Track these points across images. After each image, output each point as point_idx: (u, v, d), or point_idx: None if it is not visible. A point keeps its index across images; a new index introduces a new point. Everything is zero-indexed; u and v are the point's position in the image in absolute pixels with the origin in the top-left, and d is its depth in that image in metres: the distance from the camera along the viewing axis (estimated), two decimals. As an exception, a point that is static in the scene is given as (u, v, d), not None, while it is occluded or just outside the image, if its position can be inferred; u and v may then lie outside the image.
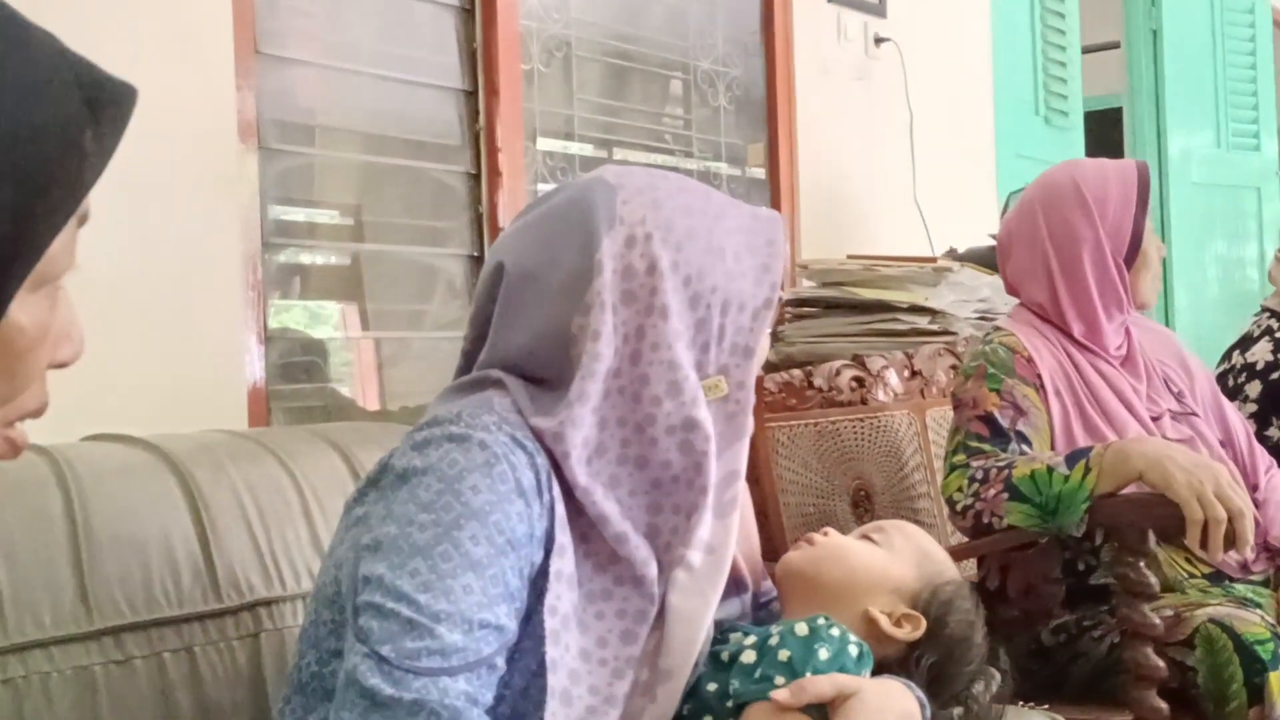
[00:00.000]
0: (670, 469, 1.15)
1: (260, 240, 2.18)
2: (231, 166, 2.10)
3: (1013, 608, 2.13)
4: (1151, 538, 1.92)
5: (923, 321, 2.96)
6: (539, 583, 1.10)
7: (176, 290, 1.97)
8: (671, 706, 1.14)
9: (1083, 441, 2.09)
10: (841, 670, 1.17)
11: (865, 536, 1.37)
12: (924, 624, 1.28)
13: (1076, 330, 2.22)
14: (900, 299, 2.98)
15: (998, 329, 2.27)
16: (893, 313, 2.98)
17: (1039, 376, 2.15)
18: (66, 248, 0.71)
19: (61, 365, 0.74)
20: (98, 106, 0.69)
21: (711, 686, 1.19)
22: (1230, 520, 1.82)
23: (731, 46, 3.40)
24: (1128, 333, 2.27)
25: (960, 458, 2.09)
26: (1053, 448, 2.10)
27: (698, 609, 1.15)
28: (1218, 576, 2.11)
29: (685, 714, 1.18)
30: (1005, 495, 1.96)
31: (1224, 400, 2.38)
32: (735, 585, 1.27)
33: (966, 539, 2.13)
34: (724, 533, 1.17)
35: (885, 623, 1.27)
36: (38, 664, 1.17)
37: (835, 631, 1.20)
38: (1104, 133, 5.66)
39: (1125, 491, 1.92)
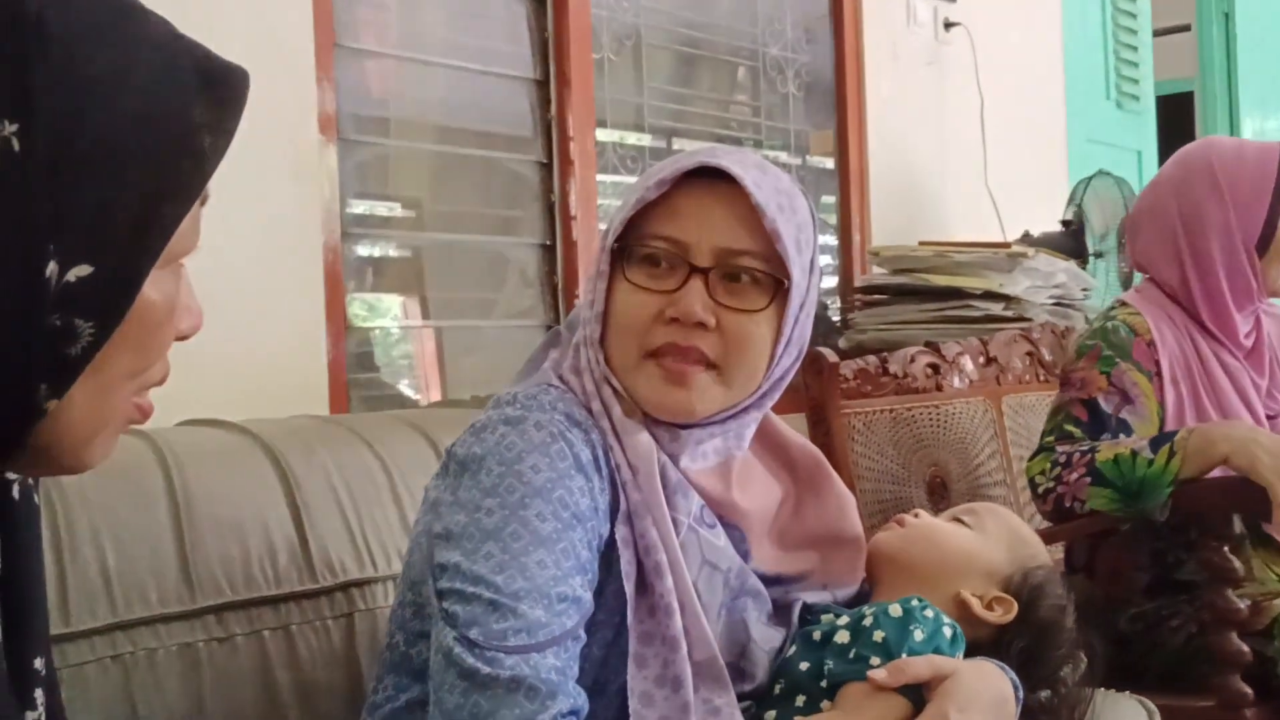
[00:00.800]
0: None
1: (340, 231, 2.21)
2: (312, 159, 2.13)
3: (1096, 587, 2.11)
4: (1237, 522, 1.90)
5: (997, 308, 2.94)
6: (609, 554, 1.12)
7: (261, 280, 2.01)
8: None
9: None
10: (936, 651, 1.17)
11: (956, 519, 1.37)
12: (1015, 607, 1.28)
13: (1205, 316, 2.14)
14: (973, 285, 2.96)
15: (1124, 304, 2.21)
16: (966, 299, 2.97)
17: (1157, 363, 2.10)
18: (192, 227, 0.73)
19: (183, 338, 0.76)
20: (215, 89, 0.71)
21: (804, 665, 1.19)
22: (1318, 503, 1.80)
23: (800, 33, 3.40)
24: (1258, 323, 2.19)
25: (1050, 440, 2.07)
26: None
27: None
28: None
29: (777, 693, 1.20)
30: (1088, 479, 1.95)
31: None
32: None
33: (1047, 523, 2.12)
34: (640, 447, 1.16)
35: (977, 605, 1.27)
36: (145, 640, 1.20)
37: (929, 613, 1.20)
38: (1176, 117, 5.58)
39: (1210, 475, 1.90)
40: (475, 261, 2.70)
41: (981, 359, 2.65)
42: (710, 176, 1.14)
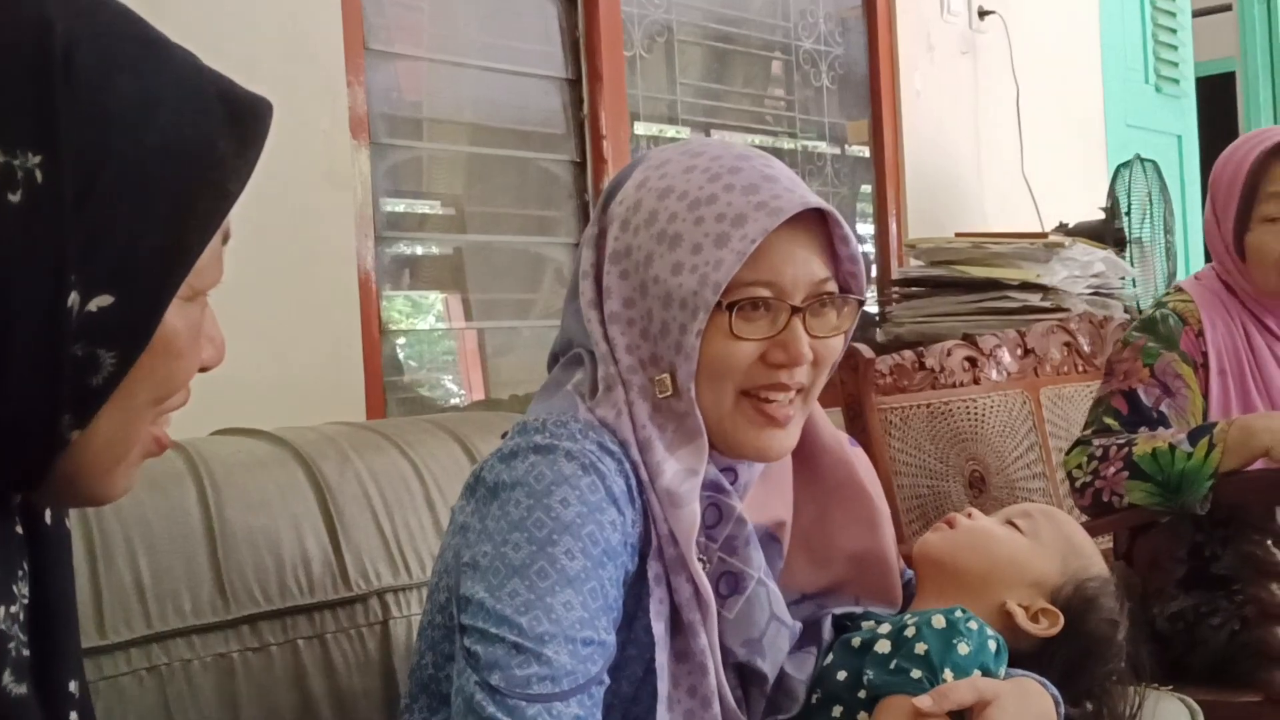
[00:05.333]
0: None
1: (374, 234, 2.22)
2: (345, 162, 2.14)
3: (1135, 575, 2.09)
4: (1278, 515, 1.88)
5: (1034, 299, 2.92)
6: (637, 588, 1.10)
7: (295, 285, 2.02)
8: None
9: None
10: (981, 666, 1.15)
11: (1011, 522, 1.32)
12: (1061, 621, 1.25)
13: (1253, 309, 2.10)
14: (1011, 276, 2.94)
15: (1178, 290, 2.18)
16: (1003, 290, 2.94)
17: (1204, 354, 2.07)
18: (214, 260, 0.74)
19: (205, 369, 0.77)
20: (239, 121, 0.72)
21: (841, 675, 1.17)
22: (1362, 496, 1.77)
23: (833, 25, 3.38)
24: None
25: (1088, 433, 2.05)
26: None
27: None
28: None
29: (814, 702, 1.18)
30: (1126, 473, 1.93)
31: None
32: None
33: (1086, 517, 2.10)
34: (684, 523, 1.11)
35: (1021, 617, 1.25)
36: (180, 652, 1.21)
37: (973, 625, 1.17)
38: (1218, 99, 5.51)
39: (1252, 468, 1.87)
40: (511, 262, 2.71)
41: (1019, 350, 2.63)
42: None
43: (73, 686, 0.81)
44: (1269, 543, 1.87)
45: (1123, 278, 3.14)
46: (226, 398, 1.86)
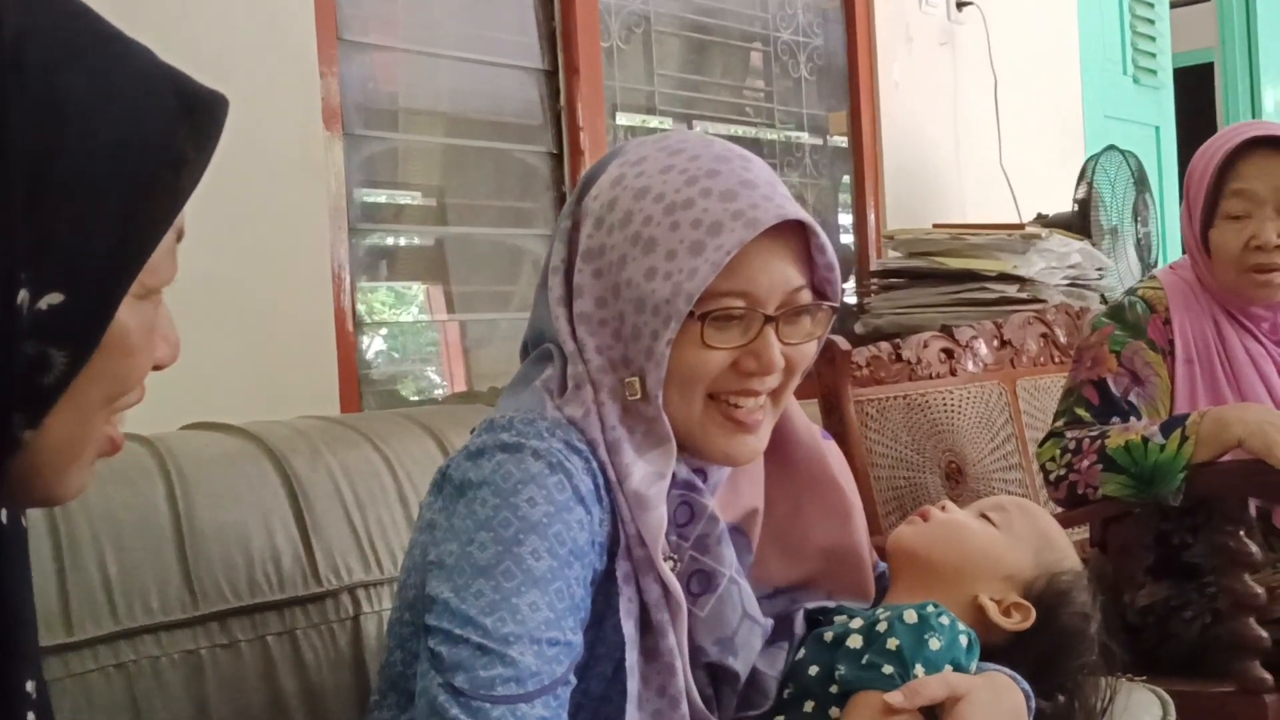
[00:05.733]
0: None
1: (347, 226, 2.21)
2: (317, 153, 2.12)
3: (1108, 563, 2.10)
4: (1252, 506, 1.89)
5: (1012, 290, 2.93)
6: (606, 587, 1.09)
7: (266, 278, 2.01)
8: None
9: None
10: (953, 662, 1.14)
11: (984, 515, 1.31)
12: (1033, 615, 1.24)
13: (1224, 301, 2.11)
14: (988, 268, 2.95)
15: (1151, 278, 2.19)
16: (981, 282, 2.95)
17: (1171, 341, 2.07)
18: (168, 257, 0.73)
19: (159, 367, 0.76)
20: (194, 116, 0.71)
21: (813, 670, 1.17)
22: (1335, 487, 1.78)
23: (812, 16, 3.38)
24: None
25: (1060, 424, 2.06)
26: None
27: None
28: None
29: (786, 697, 1.18)
30: (1100, 466, 1.93)
31: None
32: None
33: (1061, 509, 2.10)
34: (651, 526, 1.10)
35: (993, 611, 1.24)
36: (147, 648, 1.20)
37: (945, 620, 1.17)
38: (1196, 89, 5.53)
39: (1224, 459, 1.88)
40: (489, 254, 2.70)
41: (996, 342, 2.63)
42: None
43: (30, 687, 0.80)
44: (1242, 533, 1.87)
45: (1099, 269, 3.15)
46: (198, 392, 1.86)
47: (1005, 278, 2.93)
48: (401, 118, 2.52)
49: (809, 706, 1.16)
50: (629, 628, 1.08)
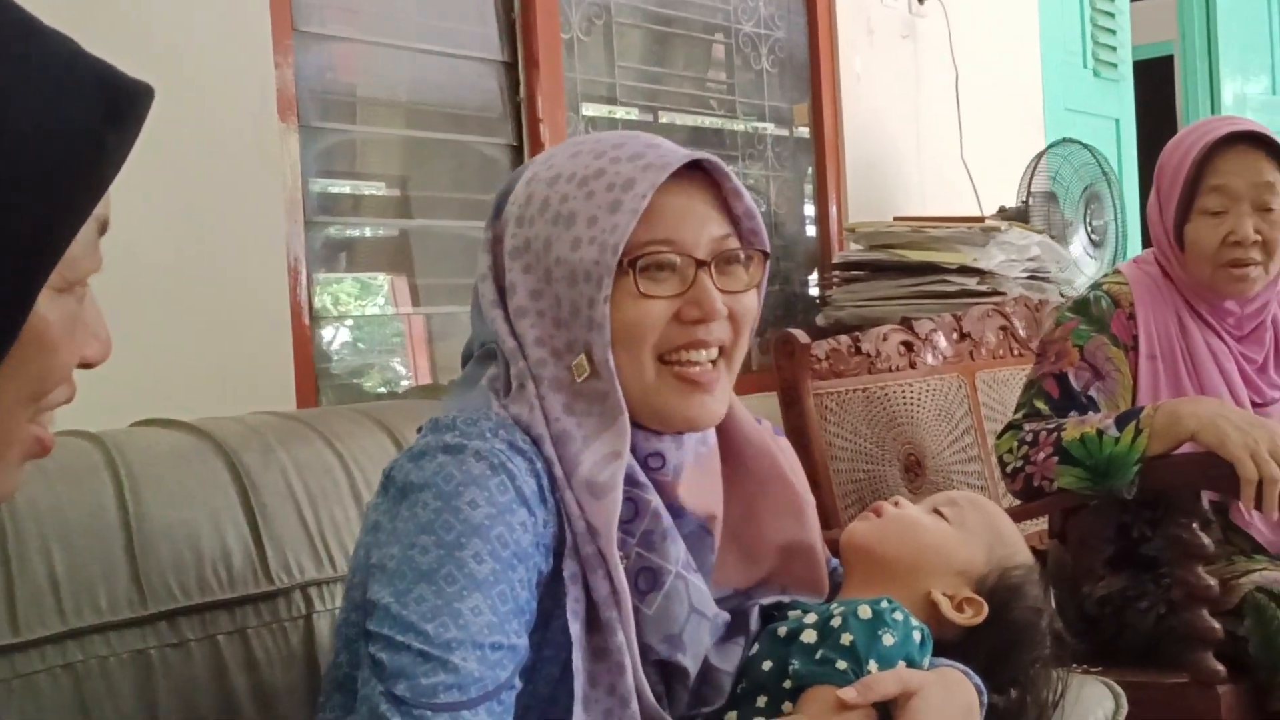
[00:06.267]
0: None
1: (303, 218, 2.19)
2: (273, 145, 2.10)
3: (1067, 554, 2.12)
4: (1205, 499, 1.90)
5: (971, 282, 2.94)
6: (553, 588, 1.08)
7: (220, 271, 1.99)
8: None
9: None
10: (906, 657, 1.15)
11: (937, 510, 1.32)
12: (985, 610, 1.25)
13: (1189, 297, 2.12)
14: (948, 260, 2.96)
15: (1116, 273, 2.20)
16: (941, 274, 2.96)
17: (1134, 336, 2.09)
18: (89, 249, 0.71)
19: (88, 365, 0.74)
20: (115, 107, 0.69)
21: (767, 665, 1.17)
22: (1286, 479, 1.79)
23: (774, 8, 3.37)
24: (1262, 307, 2.14)
25: (1019, 416, 2.07)
26: None
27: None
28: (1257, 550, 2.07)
29: (739, 692, 1.18)
30: (1055, 459, 1.94)
31: None
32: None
33: (1019, 501, 2.11)
34: (604, 512, 1.09)
35: (946, 606, 1.25)
36: (95, 649, 1.18)
37: (899, 616, 1.17)
38: (1156, 82, 5.56)
39: (1178, 452, 1.89)
40: (450, 247, 2.68)
41: (955, 335, 2.64)
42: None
43: None
44: (1195, 525, 1.89)
45: (1058, 261, 3.17)
46: (150, 388, 1.85)
47: (965, 270, 2.94)
48: (359, 109, 2.50)
49: (762, 702, 1.16)
50: (575, 628, 1.07)
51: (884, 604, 1.18)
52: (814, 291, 3.42)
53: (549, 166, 1.15)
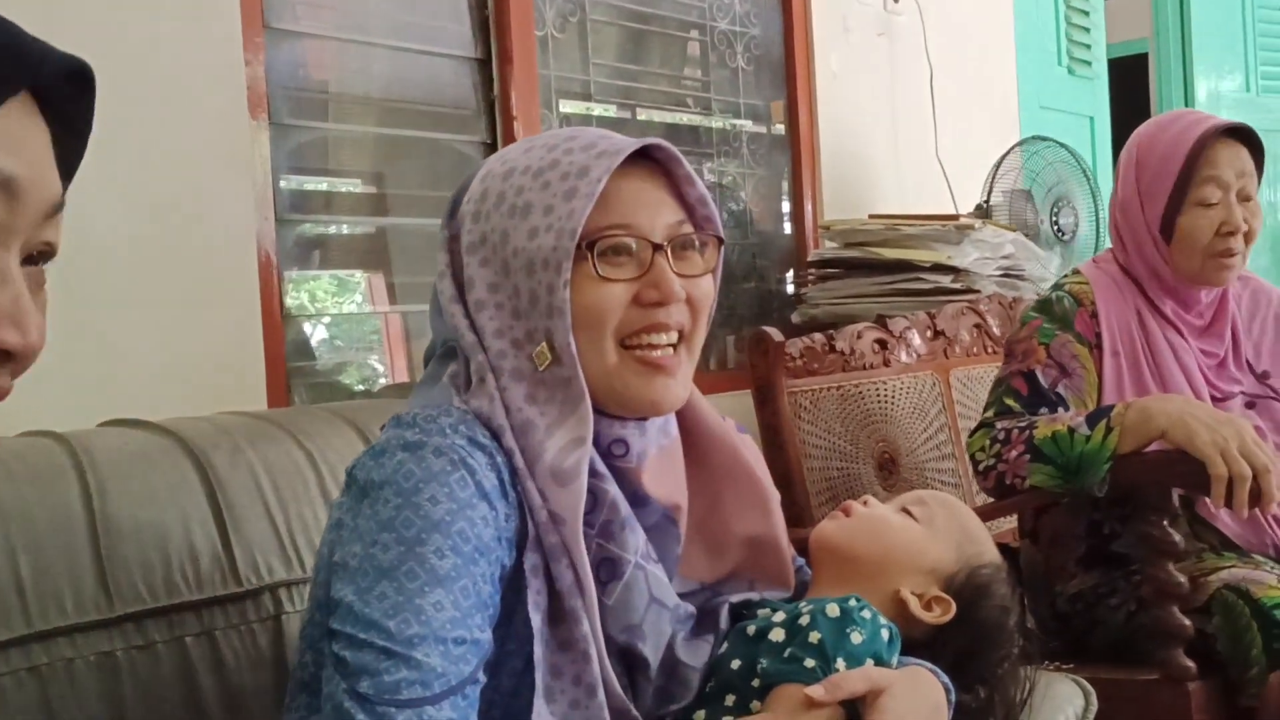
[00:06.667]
0: None
1: (274, 216, 2.18)
2: (243, 142, 2.09)
3: (1039, 552, 2.12)
4: (1175, 496, 1.91)
5: (946, 280, 2.94)
6: (517, 581, 1.08)
7: (191, 269, 1.97)
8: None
9: None
10: (874, 655, 1.15)
11: (905, 509, 1.33)
12: (954, 608, 1.26)
13: (1150, 293, 2.14)
14: (923, 258, 2.96)
15: (1076, 273, 2.22)
16: (916, 272, 2.96)
17: (1098, 334, 2.10)
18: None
19: (7, 351, 0.69)
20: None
21: (735, 663, 1.17)
22: (1255, 476, 1.80)
23: (749, 6, 3.37)
24: (1222, 301, 2.17)
25: (990, 414, 2.08)
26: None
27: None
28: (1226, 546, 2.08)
29: (708, 691, 1.18)
30: (1027, 456, 1.95)
31: None
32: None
33: (991, 499, 2.12)
34: (570, 499, 1.10)
35: (915, 605, 1.25)
36: (61, 651, 1.18)
37: (867, 614, 1.17)
38: (1130, 80, 5.58)
39: (1148, 450, 1.90)
40: (425, 244, 2.67)
41: (929, 332, 2.65)
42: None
43: None
44: (1165, 523, 1.90)
45: (1032, 260, 3.17)
46: (118, 387, 1.83)
47: (940, 268, 2.95)
48: (332, 106, 2.48)
49: (730, 700, 1.16)
50: (536, 620, 1.07)
51: (852, 602, 1.18)
52: (789, 289, 3.42)
53: (503, 162, 1.17)
